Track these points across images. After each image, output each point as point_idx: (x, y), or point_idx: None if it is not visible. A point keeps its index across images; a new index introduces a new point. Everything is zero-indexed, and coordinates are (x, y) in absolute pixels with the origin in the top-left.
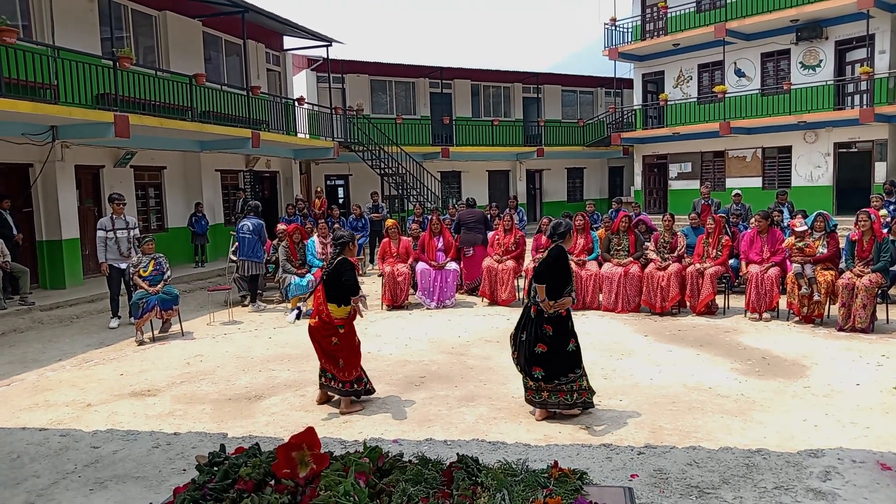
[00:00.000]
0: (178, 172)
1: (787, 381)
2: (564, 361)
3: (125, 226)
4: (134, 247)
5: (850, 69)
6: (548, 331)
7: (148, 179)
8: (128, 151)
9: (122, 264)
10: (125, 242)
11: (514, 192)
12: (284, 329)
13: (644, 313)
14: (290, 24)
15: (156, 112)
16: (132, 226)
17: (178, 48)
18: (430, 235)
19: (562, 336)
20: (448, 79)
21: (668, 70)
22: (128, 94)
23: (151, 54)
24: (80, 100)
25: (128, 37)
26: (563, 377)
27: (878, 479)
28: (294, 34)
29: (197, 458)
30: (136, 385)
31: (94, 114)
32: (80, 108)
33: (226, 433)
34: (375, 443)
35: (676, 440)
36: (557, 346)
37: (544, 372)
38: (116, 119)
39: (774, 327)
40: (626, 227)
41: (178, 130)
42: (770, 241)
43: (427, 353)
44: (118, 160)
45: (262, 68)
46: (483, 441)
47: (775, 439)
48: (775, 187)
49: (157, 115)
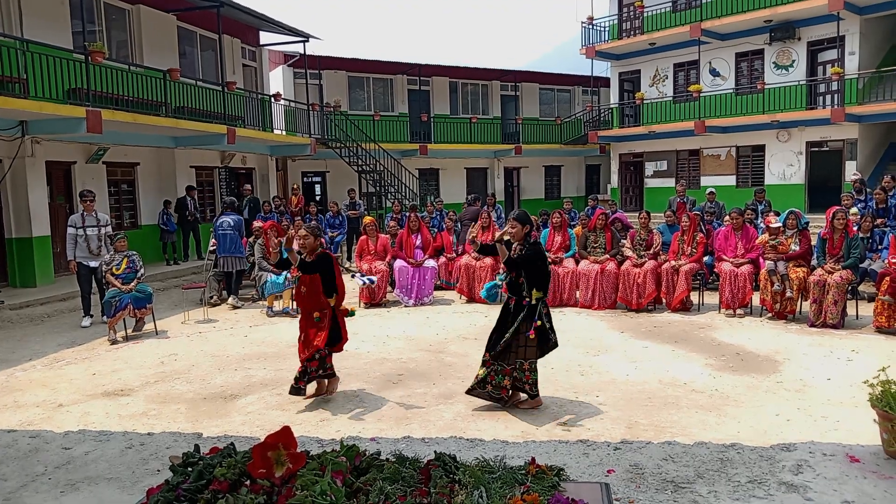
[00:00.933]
0: (152, 169)
1: (760, 377)
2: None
3: (96, 223)
4: (105, 244)
5: (821, 69)
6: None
7: (121, 176)
8: (100, 147)
9: (93, 262)
10: (95, 240)
11: (491, 189)
12: (261, 327)
13: (620, 310)
14: (267, 18)
15: (129, 107)
16: (104, 223)
17: (152, 42)
18: (409, 233)
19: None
20: (426, 76)
21: (644, 69)
22: (100, 89)
23: (124, 48)
24: (50, 94)
25: (100, 30)
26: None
27: (847, 471)
28: (270, 29)
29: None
30: (108, 385)
31: (66, 109)
32: (51, 103)
33: (201, 433)
34: (353, 441)
35: (652, 435)
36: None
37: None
38: (88, 114)
39: (748, 323)
40: (602, 224)
41: (152, 126)
42: (744, 238)
43: (405, 350)
44: (90, 156)
45: (237, 64)
46: (461, 438)
47: (749, 434)
48: (749, 185)
49: (130, 111)
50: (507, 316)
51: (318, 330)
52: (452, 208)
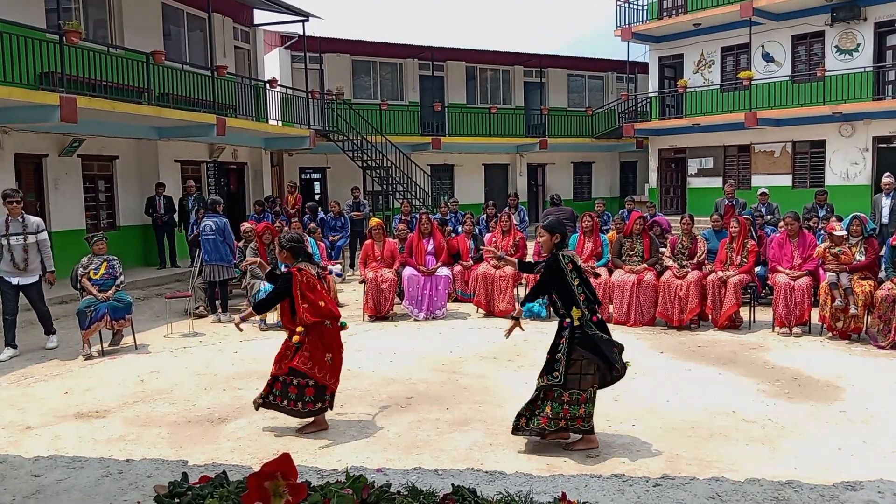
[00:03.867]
0: (133, 163)
1: (820, 405)
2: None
3: (22, 230)
4: (41, 256)
5: (890, 54)
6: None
7: (98, 171)
8: (75, 138)
9: (17, 279)
10: (21, 251)
11: (513, 188)
12: (252, 342)
13: (659, 327)
14: None
15: (107, 94)
16: (33, 229)
17: (134, 22)
18: (419, 237)
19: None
20: (440, 60)
21: (687, 53)
22: (76, 74)
23: (103, 28)
24: (20, 79)
25: (76, 8)
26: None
27: None
28: (266, 7)
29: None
30: (82, 405)
31: (37, 95)
32: (21, 89)
33: (186, 460)
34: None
35: (696, 471)
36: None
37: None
38: (62, 101)
39: (806, 343)
40: (639, 229)
41: (133, 115)
42: (801, 246)
43: (415, 370)
44: (64, 148)
45: (229, 46)
46: (479, 470)
47: (808, 470)
48: (807, 186)
49: (108, 98)
50: (558, 336)
51: (284, 355)
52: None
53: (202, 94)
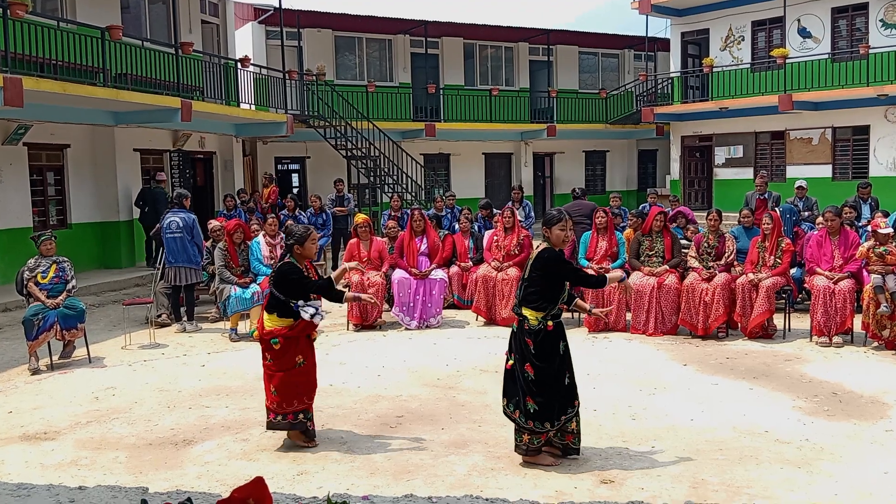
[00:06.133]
0: (86, 152)
1: (863, 424)
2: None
3: None
4: None
5: None
6: (528, 346)
7: (46, 161)
8: (20, 125)
9: None
10: None
11: (517, 181)
12: (222, 354)
13: (682, 336)
14: None
15: (57, 74)
16: None
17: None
18: (411, 236)
19: (548, 357)
20: (434, 36)
21: (714, 28)
22: (21, 52)
23: (53, 1)
24: None
25: None
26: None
27: None
28: None
29: None
30: (28, 426)
31: None
32: None
33: (146, 487)
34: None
35: (724, 497)
36: (546, 371)
37: (536, 406)
38: (6, 83)
39: (848, 355)
40: (660, 226)
41: (86, 98)
42: (843, 245)
43: (406, 385)
44: (8, 136)
45: (195, 20)
46: (478, 498)
47: (850, 496)
48: (849, 178)
49: (59, 79)
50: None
51: None
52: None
53: (165, 74)
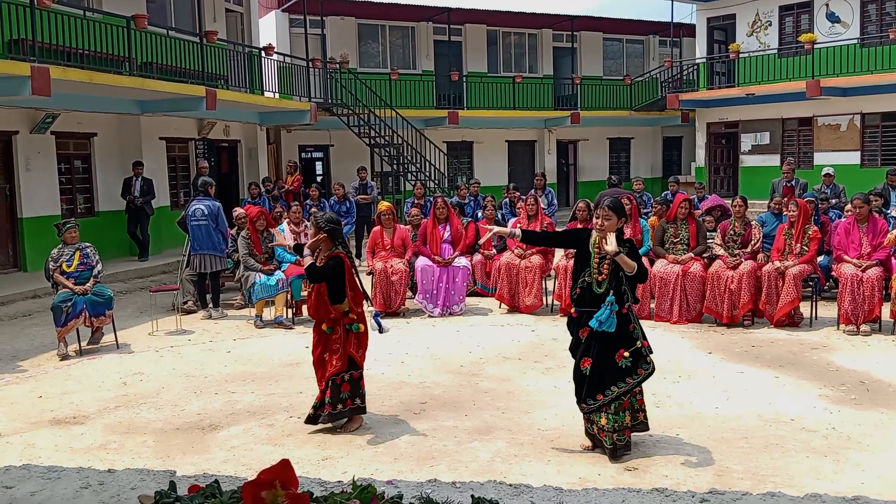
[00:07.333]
0: (113, 141)
1: (891, 413)
2: None
3: None
4: None
5: None
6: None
7: (74, 149)
8: (48, 113)
9: None
10: None
11: (540, 168)
12: (247, 341)
13: (707, 324)
14: None
15: (84, 63)
16: None
17: None
18: (434, 223)
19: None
20: (457, 23)
21: (740, 13)
22: (49, 41)
23: None
24: None
25: None
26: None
27: None
28: None
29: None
30: (58, 410)
31: (6, 65)
32: None
33: (173, 471)
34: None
35: (749, 485)
36: (573, 351)
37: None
38: (34, 72)
39: (876, 343)
40: (685, 213)
41: (113, 87)
42: (871, 233)
43: (429, 372)
44: (36, 124)
45: (219, 9)
46: (502, 483)
47: (877, 485)
48: (878, 165)
49: (85, 68)
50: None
51: (330, 351)
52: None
53: (190, 63)
